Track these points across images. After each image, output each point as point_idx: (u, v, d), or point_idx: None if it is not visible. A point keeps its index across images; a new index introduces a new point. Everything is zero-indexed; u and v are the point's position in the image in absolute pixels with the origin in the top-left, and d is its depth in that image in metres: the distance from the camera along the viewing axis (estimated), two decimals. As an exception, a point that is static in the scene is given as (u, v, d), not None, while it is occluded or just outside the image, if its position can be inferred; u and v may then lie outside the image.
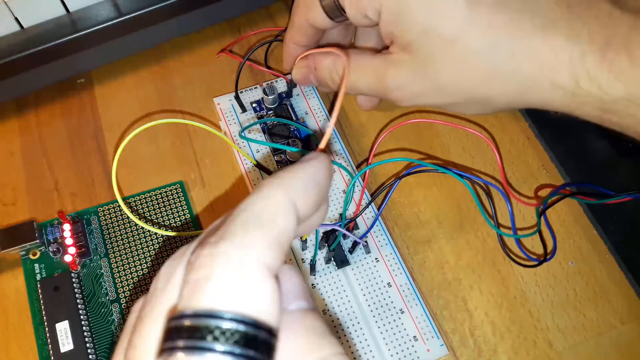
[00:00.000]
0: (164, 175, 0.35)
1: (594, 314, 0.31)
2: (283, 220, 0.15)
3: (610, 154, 0.35)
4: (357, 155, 0.37)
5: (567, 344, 0.31)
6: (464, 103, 0.26)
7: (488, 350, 0.30)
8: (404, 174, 0.31)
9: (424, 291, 0.32)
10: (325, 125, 0.37)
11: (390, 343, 0.30)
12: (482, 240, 0.33)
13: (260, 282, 0.14)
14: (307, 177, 0.16)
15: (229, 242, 0.14)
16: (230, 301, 0.13)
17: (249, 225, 0.15)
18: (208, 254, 0.14)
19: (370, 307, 0.31)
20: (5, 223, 0.34)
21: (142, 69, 0.40)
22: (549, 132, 0.36)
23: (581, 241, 0.33)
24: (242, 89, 0.38)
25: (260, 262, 0.14)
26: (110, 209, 0.34)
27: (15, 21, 0.34)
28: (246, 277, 0.14)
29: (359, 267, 0.32)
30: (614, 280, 0.32)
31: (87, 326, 0.30)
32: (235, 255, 0.14)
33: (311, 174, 0.17)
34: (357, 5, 0.26)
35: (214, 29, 0.41)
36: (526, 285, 0.32)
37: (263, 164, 0.35)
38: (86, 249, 0.32)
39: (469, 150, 0.37)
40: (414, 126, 0.37)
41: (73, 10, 0.35)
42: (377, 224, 0.33)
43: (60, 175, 0.35)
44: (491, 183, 0.34)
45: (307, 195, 0.16)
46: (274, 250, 0.14)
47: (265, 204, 0.15)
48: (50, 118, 0.38)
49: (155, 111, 0.38)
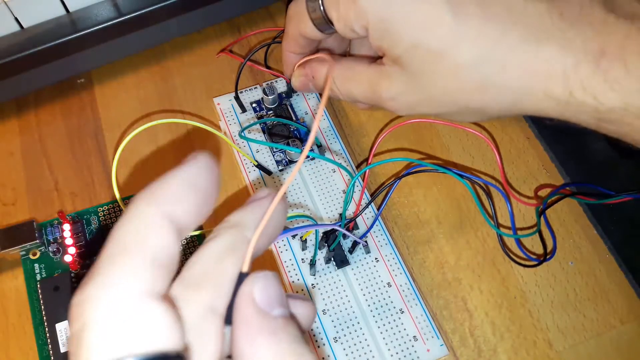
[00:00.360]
0: (164, 175, 0.35)
1: (594, 314, 0.31)
2: (156, 237, 0.14)
3: (610, 154, 0.35)
4: (357, 155, 0.37)
5: (567, 344, 0.31)
6: (458, 112, 0.26)
7: (488, 350, 0.30)
8: (404, 174, 0.31)
9: (424, 291, 0.32)
10: (326, 127, 0.37)
11: (390, 343, 0.30)
12: (482, 240, 0.33)
13: (144, 313, 0.13)
14: (180, 182, 0.15)
15: (96, 283, 0.13)
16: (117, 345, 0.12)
17: (115, 256, 0.13)
18: (78, 302, 0.13)
19: (370, 307, 0.31)
20: (5, 223, 0.34)
21: (142, 69, 0.40)
22: (549, 132, 0.36)
23: (581, 241, 0.33)
24: (242, 89, 0.38)
25: (135, 292, 0.13)
26: (110, 209, 0.34)
27: (15, 21, 0.34)
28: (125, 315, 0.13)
29: (358, 267, 0.32)
30: (614, 280, 0.32)
31: (87, 326, 0.30)
32: (104, 295, 0.13)
33: (185, 178, 0.15)
34: (345, 20, 0.26)
35: (214, 29, 0.41)
36: (526, 285, 0.32)
37: (263, 164, 0.35)
38: (86, 249, 0.32)
39: (469, 150, 0.37)
40: (414, 126, 0.37)
41: (73, 10, 0.35)
42: (377, 224, 0.33)
43: (60, 175, 0.35)
44: (491, 183, 0.34)
45: (185, 202, 0.15)
46: (151, 272, 0.13)
47: (131, 225, 0.14)
48: (50, 118, 0.38)
49: (155, 111, 0.38)
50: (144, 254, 0.14)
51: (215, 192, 0.16)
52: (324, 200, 0.34)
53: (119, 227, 0.14)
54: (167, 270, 0.14)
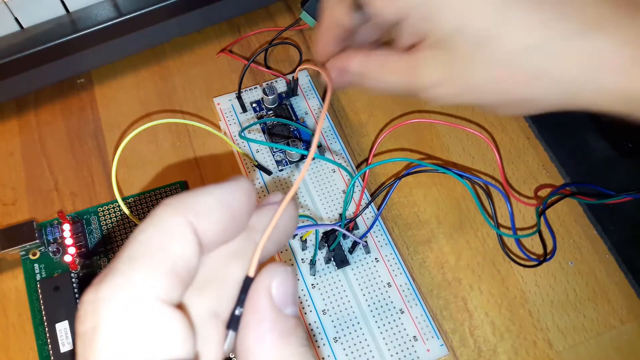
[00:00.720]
0: (164, 175, 0.35)
1: (594, 314, 0.31)
2: (178, 246, 0.14)
3: (610, 154, 0.35)
4: (357, 155, 0.37)
5: (567, 344, 0.31)
6: (504, 104, 0.25)
7: (488, 350, 0.30)
8: (404, 174, 0.31)
9: (423, 291, 0.32)
10: (326, 127, 0.37)
11: (390, 343, 0.30)
12: (482, 240, 0.33)
13: (160, 319, 0.12)
14: (213, 198, 0.15)
15: (113, 284, 0.13)
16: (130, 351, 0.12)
17: (136, 259, 0.13)
18: (91, 301, 0.13)
19: (370, 307, 0.31)
20: (5, 223, 0.34)
21: (142, 69, 0.40)
22: (549, 132, 0.36)
23: (581, 241, 0.33)
24: (242, 89, 0.38)
25: (152, 297, 0.13)
26: (110, 209, 0.34)
27: (15, 21, 0.34)
28: (141, 320, 0.12)
29: (358, 267, 0.32)
30: (614, 280, 0.32)
31: (87, 326, 0.30)
32: (121, 297, 0.12)
33: (219, 195, 0.15)
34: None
35: (214, 29, 0.41)
36: (526, 285, 0.32)
37: (263, 164, 0.35)
38: (86, 249, 0.32)
39: (469, 150, 0.37)
40: (414, 126, 0.37)
41: (73, 10, 0.35)
42: (377, 224, 0.33)
43: (60, 175, 0.35)
44: (491, 183, 0.34)
45: (213, 218, 0.14)
46: (168, 280, 0.13)
47: (156, 230, 0.14)
48: (50, 118, 0.38)
49: (155, 111, 0.38)
50: (165, 261, 0.13)
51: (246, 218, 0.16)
52: (324, 200, 0.34)
53: (143, 229, 0.14)
54: (185, 281, 0.14)
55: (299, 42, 0.41)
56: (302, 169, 0.18)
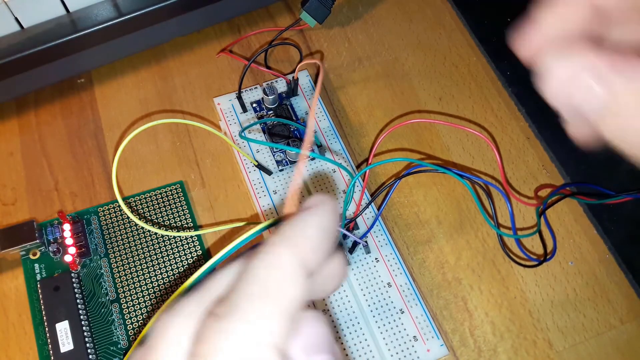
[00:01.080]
0: (164, 175, 0.35)
1: (594, 313, 0.31)
2: (292, 288, 0.14)
3: (610, 154, 0.35)
4: (357, 155, 0.37)
5: (567, 344, 0.31)
6: None
7: (488, 350, 0.30)
8: (404, 174, 0.31)
9: (424, 291, 0.32)
10: (326, 127, 0.37)
11: (390, 343, 0.30)
12: (482, 240, 0.34)
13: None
14: (315, 230, 0.15)
15: (235, 318, 0.13)
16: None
17: (255, 298, 0.14)
18: (216, 330, 0.13)
19: (370, 307, 0.31)
20: (5, 223, 0.34)
21: (142, 69, 0.40)
22: (549, 132, 0.36)
23: (581, 241, 0.33)
24: (243, 89, 0.38)
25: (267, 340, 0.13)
26: (110, 209, 0.34)
27: (15, 21, 0.34)
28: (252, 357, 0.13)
29: (359, 267, 0.32)
30: (614, 280, 0.32)
31: (87, 326, 0.30)
32: (241, 333, 0.13)
33: (318, 223, 0.15)
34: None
35: (214, 29, 0.41)
36: (526, 285, 0.32)
37: (263, 164, 0.35)
38: (86, 249, 0.32)
39: (469, 150, 0.37)
40: (414, 126, 0.37)
41: (73, 10, 0.35)
42: (377, 224, 0.33)
43: (60, 175, 0.36)
44: (491, 183, 0.34)
45: (318, 248, 0.15)
46: (282, 322, 0.13)
47: (271, 272, 0.14)
48: (50, 118, 0.38)
49: (155, 111, 0.38)
50: (283, 302, 0.14)
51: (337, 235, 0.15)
52: (324, 200, 0.34)
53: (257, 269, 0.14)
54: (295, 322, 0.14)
55: (299, 42, 0.41)
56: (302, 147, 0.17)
